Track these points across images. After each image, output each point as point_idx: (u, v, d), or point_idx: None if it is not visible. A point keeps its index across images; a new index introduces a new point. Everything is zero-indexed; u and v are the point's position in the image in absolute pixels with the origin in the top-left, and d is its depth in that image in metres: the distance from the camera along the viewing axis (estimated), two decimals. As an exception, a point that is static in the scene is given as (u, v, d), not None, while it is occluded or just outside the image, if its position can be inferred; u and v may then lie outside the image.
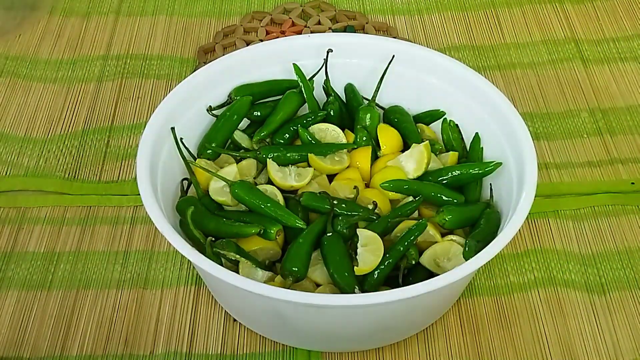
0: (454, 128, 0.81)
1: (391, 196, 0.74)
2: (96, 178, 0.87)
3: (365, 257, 0.67)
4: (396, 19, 1.07)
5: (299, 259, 0.67)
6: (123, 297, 0.76)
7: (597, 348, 0.72)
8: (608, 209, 0.84)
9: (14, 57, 1.01)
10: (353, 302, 0.60)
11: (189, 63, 1.00)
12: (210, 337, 0.73)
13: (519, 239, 0.81)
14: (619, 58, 1.01)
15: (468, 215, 0.71)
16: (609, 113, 0.94)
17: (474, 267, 0.61)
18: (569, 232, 0.81)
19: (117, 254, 0.80)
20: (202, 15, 1.08)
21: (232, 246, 0.68)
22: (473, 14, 1.08)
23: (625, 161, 0.88)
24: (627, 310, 0.75)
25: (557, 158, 0.89)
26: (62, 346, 0.72)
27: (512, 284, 0.77)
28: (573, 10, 1.08)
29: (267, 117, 0.80)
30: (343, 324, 0.67)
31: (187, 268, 0.78)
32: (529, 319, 0.74)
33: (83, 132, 0.92)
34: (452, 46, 1.03)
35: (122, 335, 0.73)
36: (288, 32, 1.04)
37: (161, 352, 0.72)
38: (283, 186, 0.74)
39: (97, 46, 1.02)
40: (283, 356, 0.72)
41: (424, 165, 0.75)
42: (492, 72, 0.99)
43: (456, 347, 0.72)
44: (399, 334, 0.72)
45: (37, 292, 0.76)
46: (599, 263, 0.79)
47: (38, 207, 0.84)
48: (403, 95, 0.82)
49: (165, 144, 0.73)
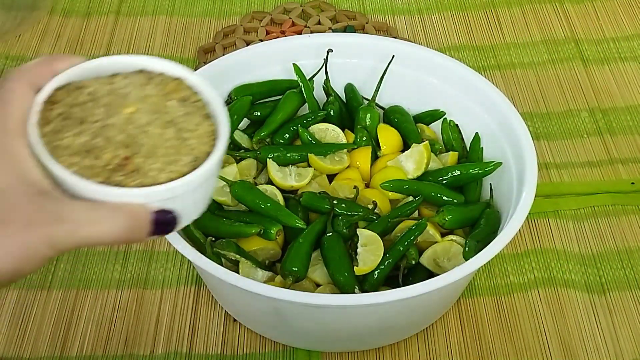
0: (454, 128, 0.81)
1: (391, 196, 0.74)
2: (96, 178, 0.87)
3: (365, 257, 0.67)
4: (396, 19, 1.07)
5: (299, 259, 0.68)
6: (123, 297, 0.76)
7: (597, 348, 0.72)
8: (608, 209, 0.84)
9: (14, 57, 1.01)
10: (353, 302, 0.60)
11: (189, 63, 1.00)
12: (210, 337, 0.73)
13: (519, 239, 0.81)
14: (619, 58, 1.01)
15: (468, 215, 0.71)
16: (609, 113, 0.94)
17: (474, 267, 0.61)
18: (569, 232, 0.81)
19: (117, 254, 0.79)
20: (202, 15, 1.08)
21: (232, 246, 0.68)
22: (473, 14, 1.08)
23: (625, 161, 0.88)
24: (627, 310, 0.75)
25: (557, 158, 0.89)
26: (62, 346, 0.72)
27: (512, 284, 0.77)
28: (573, 10, 1.08)
29: (267, 117, 0.80)
30: (343, 324, 0.67)
31: (187, 268, 0.78)
32: (529, 319, 0.74)
33: (83, 132, 0.91)
34: (452, 46, 1.03)
35: (122, 335, 0.73)
36: (288, 32, 1.04)
37: (161, 352, 0.72)
38: (283, 186, 0.74)
39: (97, 46, 1.02)
40: (283, 356, 0.72)
41: (424, 165, 0.75)
42: (492, 72, 0.99)
43: (456, 347, 0.72)
44: (399, 334, 0.72)
45: (37, 292, 0.76)
46: (599, 263, 0.79)
47: (38, 207, 0.84)
48: (403, 95, 0.82)
49: (165, 144, 0.73)
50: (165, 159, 0.44)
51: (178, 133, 0.45)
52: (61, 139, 0.44)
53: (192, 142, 0.45)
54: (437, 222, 0.71)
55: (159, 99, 0.47)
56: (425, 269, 0.70)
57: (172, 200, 0.44)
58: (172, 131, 0.45)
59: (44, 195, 0.42)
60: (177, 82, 0.48)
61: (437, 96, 0.81)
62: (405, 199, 0.74)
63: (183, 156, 0.45)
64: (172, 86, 0.48)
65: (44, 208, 0.41)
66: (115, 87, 0.47)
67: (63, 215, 0.41)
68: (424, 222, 0.69)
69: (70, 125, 0.45)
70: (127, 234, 0.43)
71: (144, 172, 0.43)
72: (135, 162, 0.43)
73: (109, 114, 0.45)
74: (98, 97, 0.46)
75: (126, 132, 0.44)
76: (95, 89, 0.46)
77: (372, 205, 0.71)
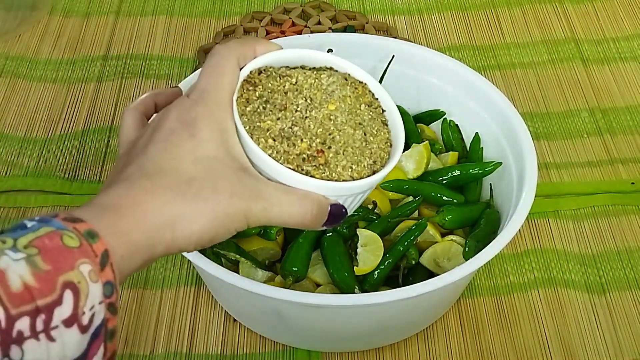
0: (454, 128, 0.81)
1: (391, 196, 0.74)
2: (96, 178, 0.87)
3: (365, 257, 0.67)
4: (396, 19, 1.07)
5: (299, 259, 0.68)
6: (123, 297, 0.76)
7: (597, 348, 0.72)
8: (608, 209, 0.84)
9: (14, 57, 1.01)
10: (353, 302, 0.60)
11: (189, 63, 1.00)
12: (210, 337, 0.73)
13: (519, 239, 0.81)
14: (619, 58, 1.01)
15: (468, 215, 0.72)
16: (609, 113, 0.94)
17: (474, 267, 0.61)
18: (569, 232, 0.81)
19: (117, 254, 0.79)
20: (202, 15, 1.08)
21: (232, 246, 0.68)
22: (473, 14, 1.08)
23: (625, 161, 0.88)
24: (627, 310, 0.75)
25: (557, 158, 0.89)
26: (62, 346, 0.72)
27: (512, 284, 0.77)
28: (573, 10, 1.08)
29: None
30: (343, 324, 0.67)
31: (187, 268, 0.78)
32: (529, 319, 0.74)
33: (83, 132, 0.91)
34: (452, 46, 1.03)
35: (122, 335, 0.73)
36: (288, 32, 1.04)
37: (161, 352, 0.72)
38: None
39: (97, 46, 1.02)
40: (283, 356, 0.72)
41: (424, 165, 0.75)
42: (492, 72, 0.99)
43: (456, 347, 0.72)
44: (399, 334, 0.72)
45: (37, 292, 0.76)
46: (599, 263, 0.79)
47: (38, 207, 0.84)
48: (403, 95, 0.82)
49: (165, 144, 0.73)
50: (351, 159, 0.47)
51: (364, 136, 0.48)
52: (261, 121, 0.46)
53: (373, 146, 0.48)
54: (437, 222, 0.71)
55: (354, 100, 0.49)
56: (425, 269, 0.70)
57: (346, 197, 0.48)
58: (360, 133, 0.48)
59: (244, 171, 0.45)
60: (363, 86, 0.51)
61: (437, 96, 0.81)
62: (405, 199, 0.74)
63: (365, 158, 0.48)
64: (361, 90, 0.50)
65: (245, 183, 0.44)
66: (320, 83, 0.49)
67: (261, 193, 0.44)
68: (424, 222, 0.69)
69: (271, 110, 0.47)
70: (310, 220, 0.46)
71: (330, 167, 0.46)
72: (326, 156, 0.46)
73: (312, 106, 0.48)
74: (302, 88, 0.48)
75: (324, 127, 0.47)
76: (300, 81, 0.49)
77: (372, 205, 0.71)
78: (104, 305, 0.37)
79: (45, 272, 0.35)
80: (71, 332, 0.36)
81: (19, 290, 0.34)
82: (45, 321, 0.35)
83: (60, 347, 0.35)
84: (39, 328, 0.35)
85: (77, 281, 0.36)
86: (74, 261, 0.36)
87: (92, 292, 0.37)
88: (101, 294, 0.37)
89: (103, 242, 0.38)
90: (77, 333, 0.36)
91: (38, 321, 0.35)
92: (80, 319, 0.36)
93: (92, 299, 0.37)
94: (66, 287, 0.36)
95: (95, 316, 0.37)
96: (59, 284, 0.35)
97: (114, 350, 0.39)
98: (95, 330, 0.37)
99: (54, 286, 0.35)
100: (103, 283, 0.37)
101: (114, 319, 0.38)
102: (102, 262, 0.37)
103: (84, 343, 0.37)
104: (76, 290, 0.36)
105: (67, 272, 0.36)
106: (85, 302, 0.36)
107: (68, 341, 0.36)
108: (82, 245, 0.37)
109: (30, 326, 0.34)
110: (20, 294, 0.34)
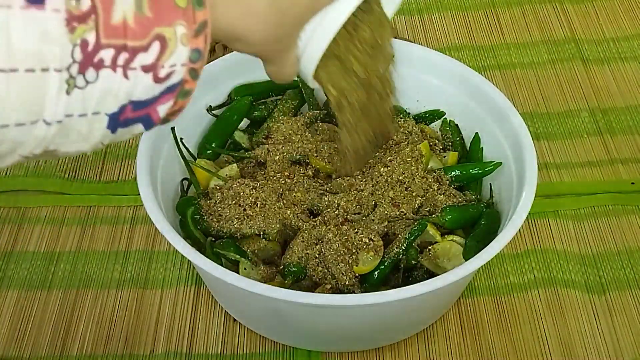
0: (454, 128, 0.81)
1: (391, 196, 0.74)
2: (96, 178, 0.87)
3: (365, 257, 0.67)
4: (396, 19, 1.07)
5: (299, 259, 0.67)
6: (123, 297, 0.76)
7: (597, 348, 0.72)
8: (608, 209, 0.84)
9: (14, 57, 1.01)
10: (353, 302, 0.60)
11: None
12: (210, 337, 0.73)
13: (519, 239, 0.81)
14: (619, 58, 1.01)
15: (468, 215, 0.71)
16: (609, 113, 0.94)
17: (474, 267, 0.61)
18: (569, 232, 0.81)
19: (117, 253, 0.80)
20: (202, 15, 1.08)
21: (232, 246, 0.68)
22: (473, 14, 1.08)
23: (625, 161, 0.88)
24: (627, 310, 0.75)
25: (557, 158, 0.89)
26: (62, 346, 0.72)
27: (512, 284, 0.77)
28: (573, 10, 1.08)
29: (267, 117, 0.80)
30: (343, 324, 0.67)
31: (187, 268, 0.78)
32: (529, 319, 0.74)
33: (83, 132, 0.91)
34: (452, 46, 1.03)
35: (122, 335, 0.73)
36: (288, 32, 1.03)
37: (161, 352, 0.72)
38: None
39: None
40: (283, 356, 0.72)
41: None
42: (492, 72, 0.99)
43: (456, 347, 0.72)
44: (399, 334, 0.72)
45: (37, 292, 0.76)
46: (599, 263, 0.79)
47: (38, 207, 0.84)
48: (403, 95, 0.82)
49: (165, 144, 0.73)
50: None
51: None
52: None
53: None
54: (437, 222, 0.71)
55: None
56: (425, 269, 0.70)
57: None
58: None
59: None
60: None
61: (437, 96, 0.81)
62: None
63: None
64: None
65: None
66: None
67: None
68: (424, 222, 0.69)
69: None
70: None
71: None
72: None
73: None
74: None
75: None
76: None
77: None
78: (186, 69, 0.41)
79: (145, 18, 0.38)
80: (146, 77, 0.39)
81: (116, 24, 0.37)
82: (127, 60, 0.38)
83: (131, 86, 0.39)
84: (120, 63, 0.38)
85: (168, 37, 0.39)
86: (174, 19, 0.39)
87: (177, 52, 0.40)
88: (187, 57, 0.40)
89: (206, 12, 0.41)
90: (150, 81, 0.40)
91: (120, 57, 0.38)
92: (158, 70, 0.40)
93: (175, 58, 0.40)
94: (157, 38, 0.39)
95: (174, 74, 0.40)
96: (152, 33, 0.39)
97: (182, 106, 0.43)
98: (172, 85, 0.41)
99: (147, 34, 0.38)
100: (192, 49, 0.40)
101: (193, 82, 0.42)
102: (198, 29, 0.40)
103: (155, 91, 0.41)
104: (164, 45, 0.39)
105: (164, 26, 0.39)
106: (167, 59, 0.40)
107: (139, 84, 0.39)
108: (188, 9, 0.40)
109: (112, 58, 0.38)
110: (116, 28, 0.37)
